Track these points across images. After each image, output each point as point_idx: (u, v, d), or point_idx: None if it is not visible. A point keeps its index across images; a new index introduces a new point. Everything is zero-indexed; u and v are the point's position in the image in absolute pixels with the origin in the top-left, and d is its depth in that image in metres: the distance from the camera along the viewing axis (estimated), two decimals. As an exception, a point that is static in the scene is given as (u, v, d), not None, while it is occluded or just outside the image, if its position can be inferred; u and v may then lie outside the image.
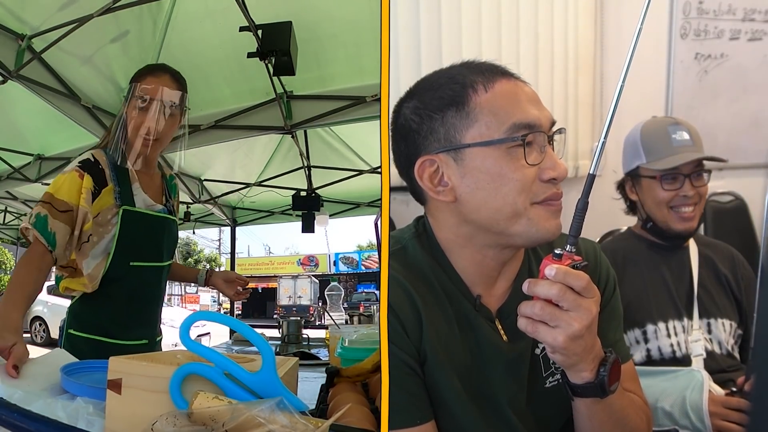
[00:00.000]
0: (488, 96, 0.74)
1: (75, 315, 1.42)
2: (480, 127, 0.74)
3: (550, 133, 0.75)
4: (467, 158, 0.75)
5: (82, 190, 1.31)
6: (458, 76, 0.77)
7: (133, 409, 0.73)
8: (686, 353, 1.28)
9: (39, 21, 2.63)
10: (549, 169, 0.74)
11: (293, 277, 20.84)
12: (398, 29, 1.55)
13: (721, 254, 1.39)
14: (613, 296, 0.89)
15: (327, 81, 3.19)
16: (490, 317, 0.82)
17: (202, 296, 25.92)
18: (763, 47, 1.62)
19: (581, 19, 1.66)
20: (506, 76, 0.77)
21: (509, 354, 0.80)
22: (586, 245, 0.90)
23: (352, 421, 0.84)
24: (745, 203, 1.63)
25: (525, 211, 0.74)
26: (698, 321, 1.31)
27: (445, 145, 0.76)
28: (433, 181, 0.77)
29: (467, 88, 0.75)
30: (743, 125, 1.60)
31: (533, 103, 0.75)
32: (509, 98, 0.74)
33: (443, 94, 0.76)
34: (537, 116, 0.74)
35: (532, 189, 0.73)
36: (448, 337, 0.79)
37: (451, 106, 0.75)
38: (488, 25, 1.58)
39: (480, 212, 0.76)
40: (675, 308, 1.32)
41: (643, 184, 1.34)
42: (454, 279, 0.81)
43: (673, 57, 1.65)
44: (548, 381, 0.83)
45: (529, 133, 0.73)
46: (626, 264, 1.35)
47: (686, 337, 1.29)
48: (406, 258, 0.82)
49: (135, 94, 1.35)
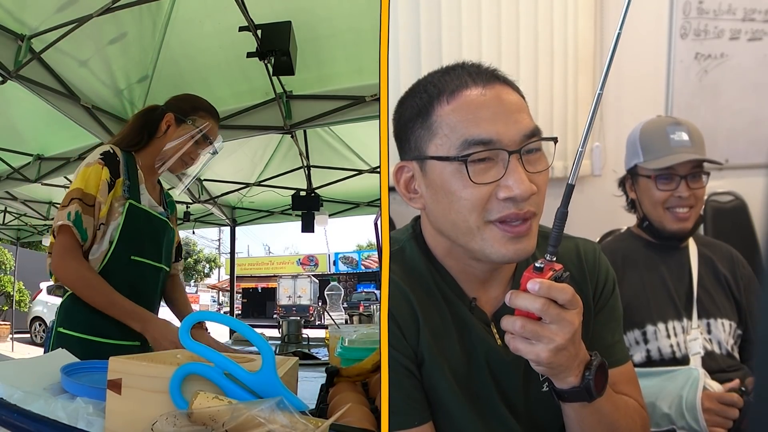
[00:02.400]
0: (449, 109, 0.73)
1: (66, 312, 1.40)
2: (438, 140, 0.73)
3: (519, 148, 0.71)
4: (429, 169, 0.75)
5: (100, 183, 1.34)
6: (429, 85, 0.76)
7: (133, 409, 0.73)
8: (685, 353, 1.28)
9: (38, 21, 2.63)
10: (506, 187, 0.70)
11: (293, 276, 20.85)
12: (398, 29, 1.55)
13: (720, 254, 1.39)
14: (611, 297, 0.88)
15: (326, 81, 3.20)
16: (485, 320, 0.82)
17: (201, 296, 25.94)
18: (763, 47, 1.62)
19: (581, 19, 1.66)
20: (481, 83, 0.73)
21: (505, 357, 0.80)
22: (585, 246, 0.89)
23: (352, 421, 0.84)
24: (745, 203, 1.64)
25: (479, 230, 0.72)
26: (697, 321, 1.31)
27: (414, 154, 0.76)
28: (408, 187, 0.78)
29: (433, 99, 0.74)
30: (743, 125, 1.60)
31: (502, 115, 0.72)
32: (468, 112, 0.72)
33: (414, 103, 0.76)
34: (496, 131, 0.70)
35: (486, 207, 0.71)
36: (445, 338, 0.79)
37: (418, 117, 0.75)
38: (488, 24, 1.58)
39: (441, 225, 0.76)
40: (674, 309, 1.32)
41: (640, 182, 1.34)
42: (449, 281, 0.81)
43: (673, 57, 1.65)
44: (545, 385, 0.83)
45: (481, 150, 0.70)
46: (626, 264, 1.35)
47: (685, 337, 1.29)
48: (403, 259, 0.82)
49: (196, 125, 1.47)
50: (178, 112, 1.47)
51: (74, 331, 1.37)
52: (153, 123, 1.48)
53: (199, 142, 1.48)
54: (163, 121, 1.47)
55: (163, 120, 1.47)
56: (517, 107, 0.73)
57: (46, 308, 10.41)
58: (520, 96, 0.76)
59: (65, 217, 1.29)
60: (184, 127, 1.46)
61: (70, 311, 1.40)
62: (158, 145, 1.47)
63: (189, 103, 1.50)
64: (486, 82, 0.74)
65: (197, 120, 1.47)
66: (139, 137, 1.47)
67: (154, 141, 1.48)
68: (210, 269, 30.23)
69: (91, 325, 1.38)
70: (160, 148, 1.46)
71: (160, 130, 1.47)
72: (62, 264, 1.32)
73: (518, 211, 0.71)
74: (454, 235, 0.75)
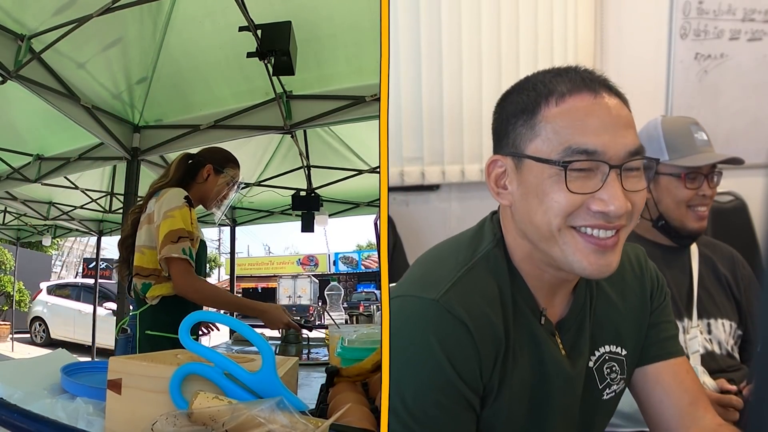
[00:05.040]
0: (556, 111, 0.71)
1: (152, 317, 1.70)
2: (540, 141, 0.71)
3: (621, 163, 0.69)
4: (525, 168, 0.73)
5: (194, 222, 1.71)
6: (540, 84, 0.74)
7: (133, 409, 0.73)
8: (685, 354, 1.28)
9: (38, 21, 2.63)
10: (601, 201, 0.68)
11: (293, 276, 20.82)
12: (398, 29, 1.55)
13: (720, 254, 1.39)
14: (665, 298, 0.91)
15: (326, 81, 3.19)
16: (552, 331, 0.80)
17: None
18: (763, 47, 1.62)
19: (581, 19, 1.66)
20: (593, 91, 0.71)
21: (569, 369, 0.79)
22: (637, 252, 0.91)
23: (352, 421, 0.84)
24: (744, 203, 1.64)
25: (560, 234, 0.70)
26: (697, 320, 1.31)
27: (512, 150, 0.74)
28: (498, 182, 0.77)
29: (540, 99, 0.72)
30: (743, 125, 1.60)
31: (610, 127, 0.69)
32: (575, 118, 0.70)
33: (520, 99, 0.75)
34: (602, 143, 0.68)
35: (575, 213, 0.70)
36: (518, 363, 0.76)
37: (522, 114, 0.73)
38: (488, 25, 1.58)
39: (525, 225, 0.74)
40: (675, 308, 1.32)
41: (661, 181, 1.31)
42: (524, 292, 0.78)
43: (673, 57, 1.65)
44: (605, 393, 0.84)
45: (584, 159, 0.68)
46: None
47: (685, 337, 1.29)
48: (487, 272, 0.78)
49: (230, 175, 1.89)
50: (215, 164, 1.87)
51: (162, 332, 1.67)
52: (193, 170, 1.86)
53: (231, 186, 1.93)
54: (204, 170, 1.85)
55: (204, 169, 1.86)
56: (626, 122, 0.71)
57: (46, 308, 10.39)
58: (629, 110, 0.74)
59: (180, 251, 1.62)
60: (221, 177, 1.87)
61: (155, 317, 1.69)
62: (200, 188, 1.85)
63: (222, 155, 1.91)
64: (598, 90, 0.71)
65: (230, 171, 1.89)
66: (184, 181, 1.83)
67: (195, 185, 1.85)
68: (210, 269, 30.20)
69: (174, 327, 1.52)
70: (203, 190, 1.86)
71: (200, 176, 1.86)
72: (191, 284, 1.66)
73: (605, 224, 0.69)
74: (536, 238, 0.73)
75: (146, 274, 1.69)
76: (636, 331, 0.87)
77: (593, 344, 0.83)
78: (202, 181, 1.86)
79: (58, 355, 1.13)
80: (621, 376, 0.85)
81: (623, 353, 0.85)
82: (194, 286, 1.68)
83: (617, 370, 0.84)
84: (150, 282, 1.69)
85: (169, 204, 1.67)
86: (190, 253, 1.65)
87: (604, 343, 0.84)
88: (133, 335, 1.71)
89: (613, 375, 0.84)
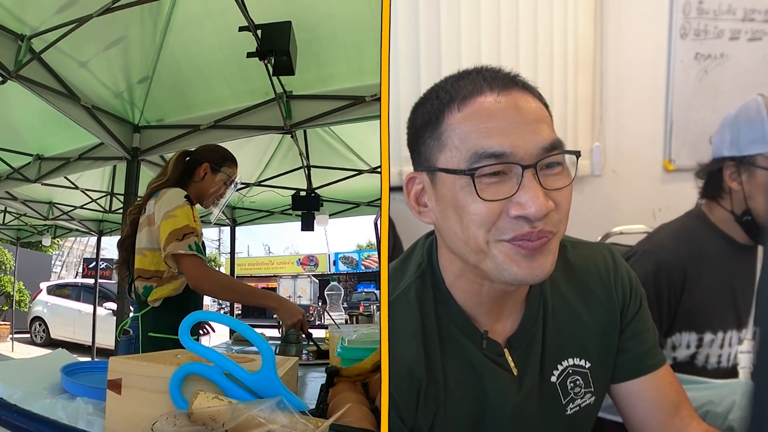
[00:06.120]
0: (459, 117, 0.66)
1: (155, 320, 1.69)
2: (448, 151, 0.66)
3: (535, 162, 0.64)
4: (439, 182, 0.68)
5: (196, 218, 1.69)
6: (442, 90, 0.69)
7: (133, 409, 0.73)
8: (733, 364, 1.22)
9: (39, 21, 2.63)
10: (518, 204, 0.63)
11: (293, 276, 20.80)
12: (398, 29, 1.55)
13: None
14: (640, 307, 0.83)
15: (327, 81, 3.19)
16: (498, 351, 0.75)
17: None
18: (763, 47, 1.62)
19: (581, 19, 1.67)
20: (496, 90, 0.66)
21: (519, 393, 0.75)
22: (604, 254, 0.84)
23: (352, 421, 0.84)
24: (744, 203, 1.63)
25: (488, 248, 0.66)
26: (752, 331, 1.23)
27: (425, 165, 0.70)
28: (419, 200, 0.72)
29: (444, 107, 0.68)
30: (743, 125, 1.59)
31: (518, 125, 0.65)
32: (479, 121, 0.65)
33: (425, 110, 0.70)
34: (510, 143, 0.64)
35: (497, 225, 0.65)
36: (451, 398, 0.73)
37: (429, 125, 0.69)
38: (487, 25, 1.58)
39: (451, 241, 0.70)
40: (737, 318, 1.23)
41: (758, 176, 1.17)
42: (457, 319, 0.74)
43: (673, 57, 1.65)
44: (569, 408, 0.79)
45: (492, 163, 0.63)
46: (702, 260, 1.22)
47: (737, 349, 1.23)
48: (407, 308, 0.74)
49: (227, 174, 1.88)
50: (212, 162, 1.85)
51: (164, 334, 1.66)
52: (190, 168, 1.84)
53: (228, 185, 1.91)
54: (201, 169, 1.84)
55: (200, 167, 1.84)
56: (535, 116, 0.66)
57: (46, 308, 10.39)
58: (542, 104, 0.69)
59: (187, 248, 1.60)
60: (218, 175, 1.86)
61: (158, 319, 1.69)
62: (197, 187, 1.83)
63: (218, 154, 1.89)
64: (502, 88, 0.66)
65: (227, 169, 1.88)
66: (181, 180, 1.82)
67: (193, 183, 1.84)
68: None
69: (177, 329, 1.55)
70: (200, 188, 1.84)
71: (197, 175, 1.84)
72: (208, 276, 1.65)
73: (532, 230, 0.64)
74: (464, 254, 0.69)
75: (148, 276, 1.69)
76: (602, 342, 0.81)
77: (556, 358, 0.78)
78: (199, 180, 1.84)
79: (58, 355, 1.13)
80: (586, 390, 0.79)
81: (587, 366, 0.80)
82: (211, 277, 1.68)
83: (581, 384, 0.79)
84: (152, 285, 1.69)
85: (169, 204, 1.66)
86: (198, 247, 1.63)
87: (568, 356, 0.79)
88: (135, 337, 1.71)
89: (577, 389, 0.79)
